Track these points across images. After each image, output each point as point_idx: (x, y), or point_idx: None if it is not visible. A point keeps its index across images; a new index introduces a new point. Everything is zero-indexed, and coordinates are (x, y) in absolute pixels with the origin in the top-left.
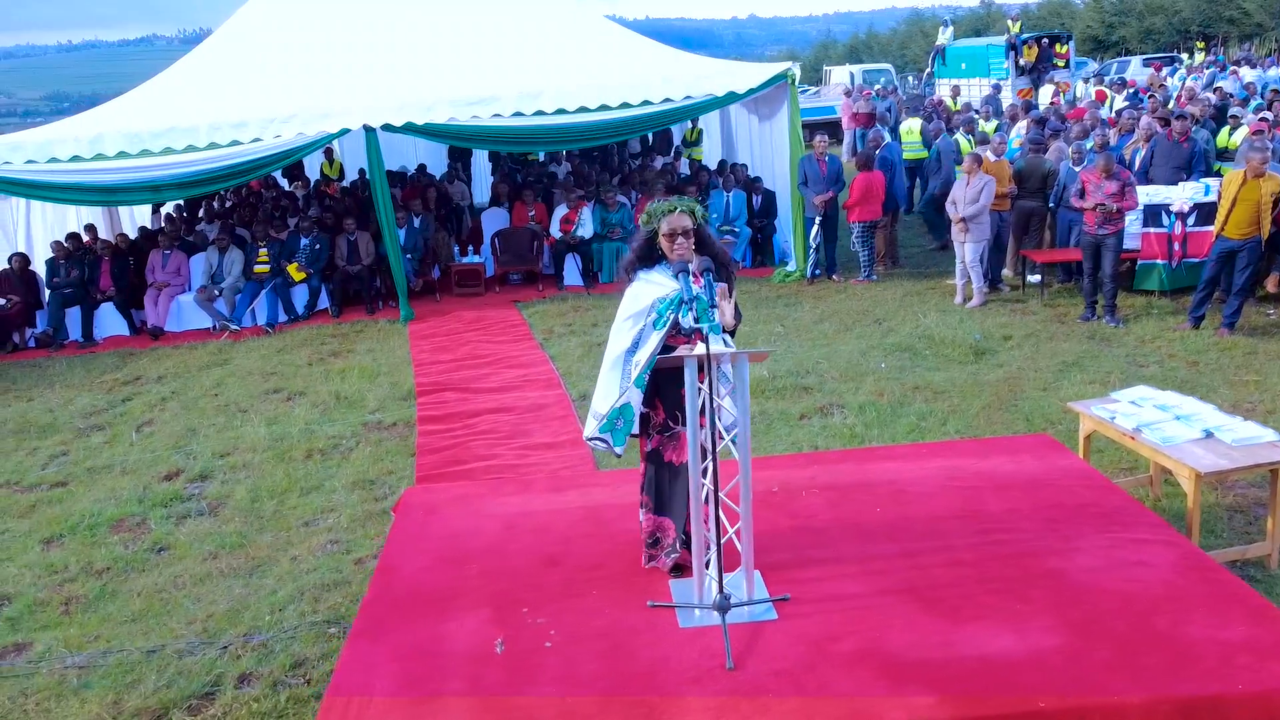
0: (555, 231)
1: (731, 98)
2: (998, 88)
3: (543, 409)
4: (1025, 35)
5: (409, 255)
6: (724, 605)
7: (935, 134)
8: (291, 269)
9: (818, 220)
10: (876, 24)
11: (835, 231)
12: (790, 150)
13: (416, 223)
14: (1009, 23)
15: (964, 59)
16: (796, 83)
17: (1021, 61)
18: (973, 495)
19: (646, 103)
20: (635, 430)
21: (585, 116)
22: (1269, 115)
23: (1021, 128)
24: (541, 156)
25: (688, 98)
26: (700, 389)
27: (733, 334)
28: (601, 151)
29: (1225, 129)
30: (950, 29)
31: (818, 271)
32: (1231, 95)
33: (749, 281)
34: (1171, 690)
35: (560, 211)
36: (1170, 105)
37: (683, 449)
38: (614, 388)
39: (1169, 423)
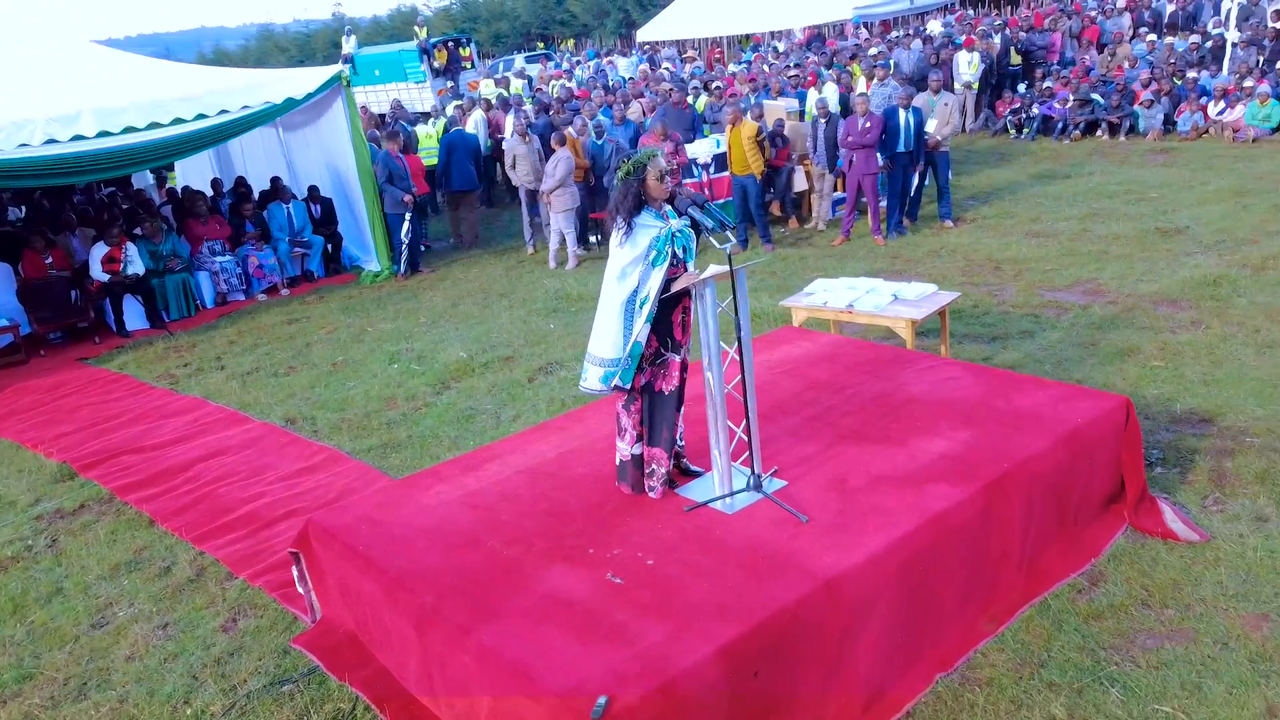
0: (98, 274)
1: (290, 104)
2: (453, 87)
3: (259, 441)
4: (433, 40)
5: None
6: (758, 484)
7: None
8: None
9: (407, 216)
10: (179, 45)
11: (424, 225)
12: (355, 152)
13: None
14: (416, 29)
15: (377, 66)
16: (350, 84)
17: (435, 64)
18: (795, 374)
19: (201, 116)
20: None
21: (135, 137)
22: (720, 85)
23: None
24: None
25: (245, 108)
26: (721, 306)
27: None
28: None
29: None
30: (353, 37)
31: (409, 267)
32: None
33: (339, 289)
34: (1051, 434)
35: (98, 251)
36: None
37: (671, 376)
38: (620, 332)
39: (866, 295)
